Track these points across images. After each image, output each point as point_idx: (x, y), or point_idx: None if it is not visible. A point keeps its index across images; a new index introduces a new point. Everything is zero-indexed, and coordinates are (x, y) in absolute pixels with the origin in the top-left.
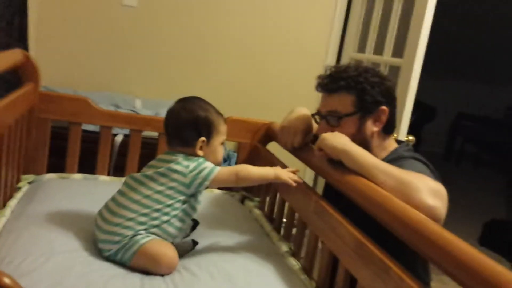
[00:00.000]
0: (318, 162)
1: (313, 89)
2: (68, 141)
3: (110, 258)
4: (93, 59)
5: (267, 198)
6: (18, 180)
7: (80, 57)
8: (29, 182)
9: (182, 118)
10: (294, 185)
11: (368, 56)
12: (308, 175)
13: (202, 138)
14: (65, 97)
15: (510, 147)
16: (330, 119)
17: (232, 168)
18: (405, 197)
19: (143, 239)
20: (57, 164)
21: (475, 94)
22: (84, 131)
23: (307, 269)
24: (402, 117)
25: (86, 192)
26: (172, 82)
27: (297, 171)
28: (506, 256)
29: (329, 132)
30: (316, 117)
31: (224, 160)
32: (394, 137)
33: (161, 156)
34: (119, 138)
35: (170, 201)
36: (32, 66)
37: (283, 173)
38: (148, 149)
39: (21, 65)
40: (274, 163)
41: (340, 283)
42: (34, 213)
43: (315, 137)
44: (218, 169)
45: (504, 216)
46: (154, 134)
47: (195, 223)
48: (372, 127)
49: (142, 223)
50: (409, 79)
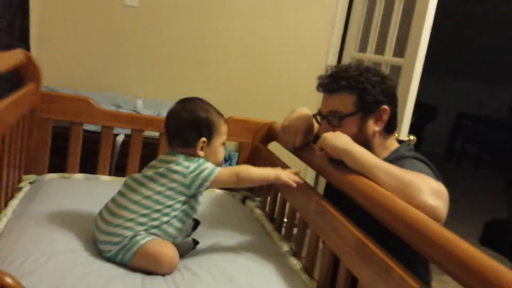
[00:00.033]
0: (319, 162)
1: (314, 89)
2: (70, 141)
3: (111, 259)
4: (95, 59)
5: (268, 198)
6: (20, 180)
7: (82, 57)
8: (31, 182)
9: (183, 119)
10: (295, 186)
11: (369, 56)
12: (309, 175)
13: (203, 139)
14: (67, 97)
15: (511, 147)
16: (332, 119)
17: (233, 169)
18: (406, 197)
19: (143, 240)
20: (59, 164)
21: (476, 94)
22: (86, 131)
23: (308, 269)
24: (403, 117)
25: (88, 192)
26: (173, 82)
27: (299, 172)
28: (507, 256)
29: (331, 132)
30: (318, 118)
31: (225, 160)
32: (395, 137)
33: (162, 157)
34: (120, 138)
35: (170, 202)
36: (34, 66)
37: (284, 174)
38: (149, 149)
39: (23, 65)
40: (275, 163)
41: (341, 283)
42: (36, 213)
43: (316, 137)
44: (219, 170)
45: (505, 216)
46: (155, 134)
47: (196, 223)
48: (374, 127)
49: (142, 224)
50: (410, 79)
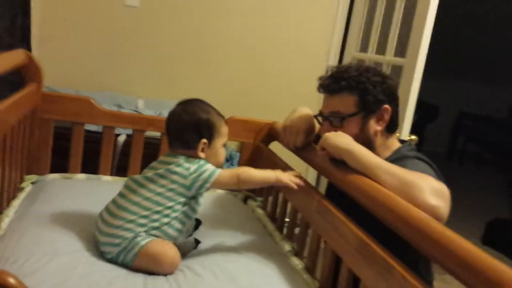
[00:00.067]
0: (321, 162)
1: (315, 89)
2: (71, 141)
3: (113, 261)
4: (96, 60)
5: (270, 198)
6: (21, 181)
7: (83, 58)
8: (32, 182)
9: (184, 121)
10: (296, 188)
11: (371, 56)
12: (311, 175)
13: (204, 140)
14: (68, 98)
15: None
16: (333, 120)
17: (234, 171)
18: (408, 197)
19: (144, 240)
20: (60, 164)
21: (477, 94)
22: (87, 131)
23: (310, 269)
24: (405, 117)
25: (89, 192)
26: (175, 82)
27: (299, 174)
28: (509, 255)
29: (332, 132)
30: (319, 118)
31: (226, 160)
32: (397, 137)
33: (162, 158)
34: (122, 138)
35: (170, 203)
36: (35, 67)
37: (285, 176)
38: (151, 149)
39: (24, 66)
40: (277, 163)
41: (343, 283)
42: (38, 213)
43: (318, 137)
44: (219, 172)
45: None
46: (157, 134)
47: (198, 223)
48: (375, 126)
49: (142, 225)
50: (412, 79)
